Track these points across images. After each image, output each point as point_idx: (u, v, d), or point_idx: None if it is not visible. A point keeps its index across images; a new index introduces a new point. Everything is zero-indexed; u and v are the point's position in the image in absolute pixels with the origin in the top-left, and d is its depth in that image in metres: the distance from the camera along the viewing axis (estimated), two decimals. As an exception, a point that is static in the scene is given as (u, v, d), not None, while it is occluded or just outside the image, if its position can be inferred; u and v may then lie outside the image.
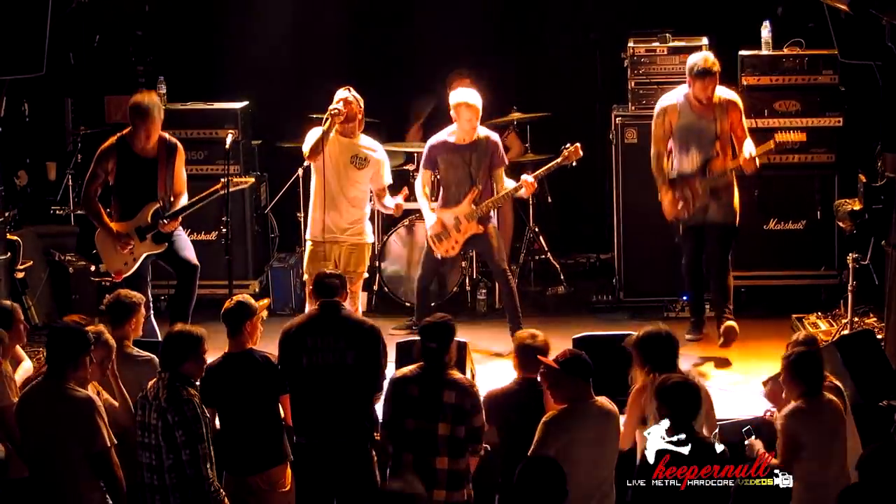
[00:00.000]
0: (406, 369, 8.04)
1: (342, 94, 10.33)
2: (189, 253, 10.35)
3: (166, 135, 10.34)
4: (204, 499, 7.53)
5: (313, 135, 10.31)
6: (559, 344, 8.21)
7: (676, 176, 10.41)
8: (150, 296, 10.36)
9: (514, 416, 7.89)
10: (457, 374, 7.97)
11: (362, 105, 10.40)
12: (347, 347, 8.08)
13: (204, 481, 7.53)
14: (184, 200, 10.30)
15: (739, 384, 9.93)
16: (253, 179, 11.59)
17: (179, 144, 10.35)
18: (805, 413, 7.47)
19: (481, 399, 7.94)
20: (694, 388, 7.29)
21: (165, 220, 10.14)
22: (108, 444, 7.43)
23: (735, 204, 10.42)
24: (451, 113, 10.79)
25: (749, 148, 10.19)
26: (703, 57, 10.41)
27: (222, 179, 10.33)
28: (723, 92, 10.44)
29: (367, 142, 10.51)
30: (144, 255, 10.23)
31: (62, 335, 7.65)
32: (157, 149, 10.19)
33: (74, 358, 7.49)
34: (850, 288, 10.57)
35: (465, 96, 10.75)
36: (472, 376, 9.67)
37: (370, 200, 10.66)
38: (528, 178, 10.75)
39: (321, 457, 8.10)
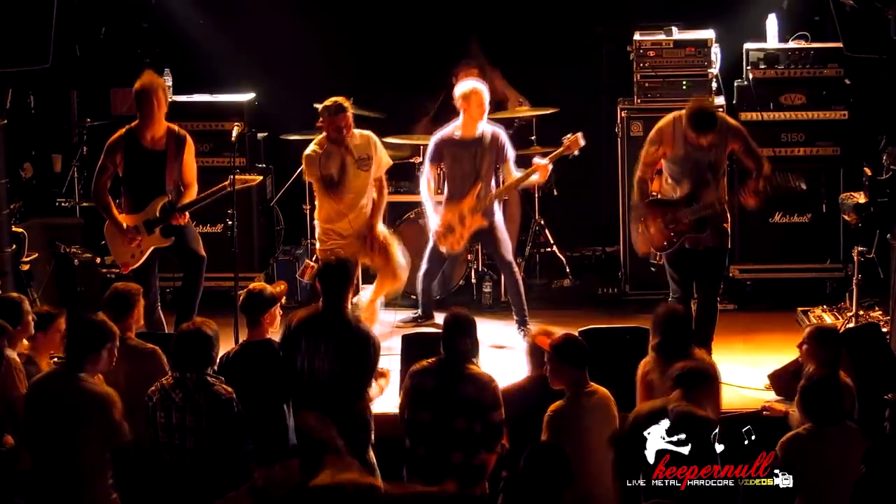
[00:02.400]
0: (424, 362, 8.01)
1: (338, 110, 10.21)
2: (196, 245, 10.34)
3: (175, 126, 10.29)
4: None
5: (315, 162, 10.28)
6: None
7: (659, 197, 9.89)
8: (157, 288, 10.37)
9: (524, 413, 7.83)
10: (476, 369, 7.92)
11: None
12: (337, 356, 8.05)
13: (248, 477, 7.46)
14: (194, 191, 10.30)
15: (744, 377, 9.92)
16: (261, 177, 11.55)
17: (188, 136, 10.31)
18: (805, 441, 7.39)
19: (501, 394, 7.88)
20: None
21: (175, 215, 10.12)
22: (129, 439, 7.48)
23: (726, 225, 9.84)
24: (459, 103, 10.77)
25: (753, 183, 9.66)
26: (707, 108, 9.73)
27: (231, 176, 10.33)
28: (724, 118, 10.01)
29: (360, 139, 10.36)
30: (152, 248, 10.23)
31: (86, 327, 7.66)
32: (165, 141, 10.15)
33: (96, 350, 7.53)
34: (855, 281, 10.58)
35: (472, 85, 10.75)
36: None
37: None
38: (540, 160, 10.70)
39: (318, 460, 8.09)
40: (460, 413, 7.76)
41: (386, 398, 8.53)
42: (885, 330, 9.91)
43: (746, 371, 10.06)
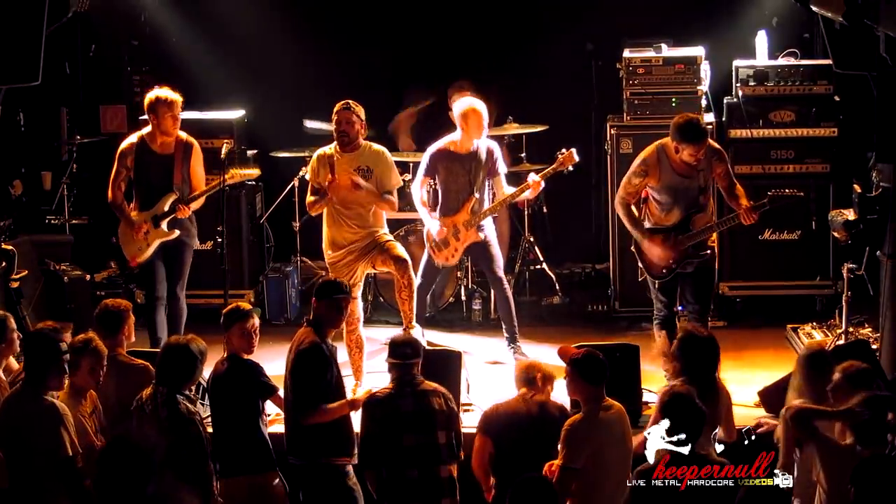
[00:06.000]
0: (383, 389, 8.06)
1: (340, 113, 10.08)
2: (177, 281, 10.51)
3: (183, 133, 10.50)
4: None
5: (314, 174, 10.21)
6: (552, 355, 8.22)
7: (653, 226, 9.95)
8: (163, 288, 10.41)
9: (513, 433, 7.86)
10: (431, 383, 8.03)
11: (360, 116, 10.10)
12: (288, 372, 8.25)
13: (208, 497, 7.59)
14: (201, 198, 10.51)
15: (734, 394, 9.90)
16: (259, 171, 11.42)
17: (196, 143, 10.54)
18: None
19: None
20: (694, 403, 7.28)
21: (180, 206, 10.31)
22: (71, 453, 7.46)
23: (711, 243, 9.99)
24: (458, 121, 10.72)
25: (743, 199, 9.75)
26: (696, 119, 9.81)
27: (229, 170, 10.43)
28: (709, 141, 10.02)
29: (369, 152, 10.19)
30: (158, 242, 10.38)
31: (35, 342, 7.71)
32: (173, 146, 10.42)
33: (48, 365, 7.55)
34: (844, 298, 10.57)
35: (472, 104, 10.70)
36: (468, 386, 9.69)
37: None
38: (535, 176, 10.70)
39: (298, 477, 8.22)
40: (439, 427, 7.86)
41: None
42: (874, 347, 9.91)
43: (736, 388, 10.03)
